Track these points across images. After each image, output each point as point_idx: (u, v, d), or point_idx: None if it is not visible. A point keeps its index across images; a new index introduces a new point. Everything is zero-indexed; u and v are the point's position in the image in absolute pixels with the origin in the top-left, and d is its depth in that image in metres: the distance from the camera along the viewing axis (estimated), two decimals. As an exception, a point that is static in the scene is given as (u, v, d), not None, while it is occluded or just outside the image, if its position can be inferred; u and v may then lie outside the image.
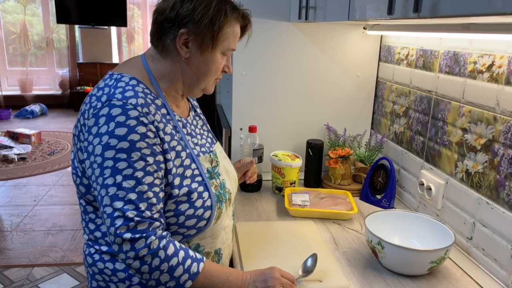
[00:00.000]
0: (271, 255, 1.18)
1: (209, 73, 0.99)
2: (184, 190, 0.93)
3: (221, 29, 0.94)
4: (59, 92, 7.05)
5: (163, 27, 0.94)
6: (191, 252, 0.91)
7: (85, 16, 6.43)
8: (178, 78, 0.99)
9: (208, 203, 0.96)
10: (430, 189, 1.36)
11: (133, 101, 0.87)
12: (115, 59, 7.08)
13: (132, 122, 0.85)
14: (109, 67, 6.62)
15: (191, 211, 0.94)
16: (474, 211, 1.18)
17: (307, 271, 1.06)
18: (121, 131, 0.85)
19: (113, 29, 6.96)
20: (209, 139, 1.12)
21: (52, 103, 6.92)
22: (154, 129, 0.88)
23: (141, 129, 0.86)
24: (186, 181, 0.94)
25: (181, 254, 0.89)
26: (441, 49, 1.33)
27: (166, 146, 0.91)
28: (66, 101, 7.00)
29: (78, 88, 6.89)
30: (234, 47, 1.00)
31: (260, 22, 1.62)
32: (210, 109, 2.49)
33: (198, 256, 0.92)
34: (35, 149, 4.87)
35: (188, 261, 0.89)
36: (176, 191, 0.92)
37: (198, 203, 0.95)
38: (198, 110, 1.18)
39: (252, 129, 1.62)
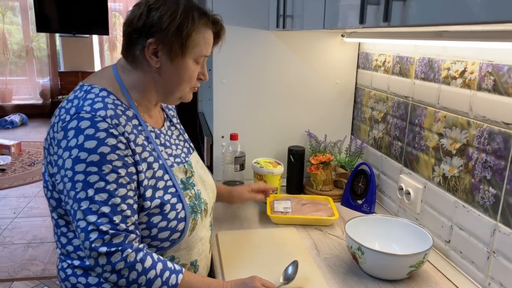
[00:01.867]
0: (252, 263, 1.17)
1: (182, 82, 0.97)
2: (157, 202, 0.92)
3: (189, 35, 0.92)
4: (39, 101, 6.93)
5: (132, 38, 0.94)
6: (169, 264, 0.91)
7: (65, 24, 6.35)
8: (150, 88, 0.98)
9: (181, 214, 0.96)
10: (409, 193, 1.38)
11: (102, 113, 0.86)
12: (98, 68, 7.00)
13: (102, 135, 0.84)
14: (91, 75, 6.54)
15: (164, 223, 0.93)
16: (451, 215, 1.20)
17: (288, 278, 1.06)
18: (90, 144, 0.83)
19: (95, 37, 6.90)
20: (185, 149, 1.11)
21: (32, 113, 6.80)
22: (124, 141, 0.87)
23: (111, 141, 0.85)
24: (159, 193, 0.94)
25: (159, 266, 0.88)
26: (416, 55, 1.36)
27: (137, 157, 0.90)
28: (47, 110, 6.88)
29: (60, 97, 6.78)
30: (207, 54, 0.99)
31: (239, 31, 1.63)
32: (192, 117, 2.48)
33: (177, 267, 0.91)
34: (15, 160, 4.77)
35: (167, 273, 0.88)
36: (148, 203, 0.91)
37: (171, 215, 0.94)
38: (174, 120, 1.17)
39: (233, 137, 1.62)
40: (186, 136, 1.18)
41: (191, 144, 1.19)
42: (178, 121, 1.21)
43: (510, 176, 0.99)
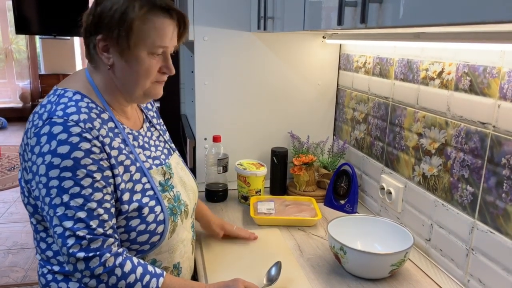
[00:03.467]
0: (236, 265, 1.17)
1: (139, 77, 0.92)
2: (134, 205, 0.91)
3: (131, 27, 0.87)
4: (20, 104, 6.79)
5: (86, 38, 0.93)
6: (150, 267, 0.90)
7: (46, 26, 6.22)
8: (115, 89, 0.96)
9: (160, 217, 0.95)
10: (390, 193, 1.39)
11: (74, 117, 0.85)
12: (79, 70, 6.89)
13: (75, 139, 0.83)
14: (73, 78, 6.42)
15: (142, 227, 0.92)
16: (431, 213, 1.22)
17: (271, 280, 1.06)
18: (63, 149, 0.82)
19: (76, 39, 6.79)
20: (165, 151, 1.10)
21: (12, 117, 6.66)
22: (99, 144, 0.86)
23: (85, 145, 0.84)
24: (136, 196, 0.92)
25: (139, 270, 0.87)
26: (395, 57, 1.37)
27: (113, 161, 0.89)
28: (28, 114, 6.73)
29: (40, 100, 6.66)
30: (163, 44, 0.91)
31: (221, 32, 1.62)
32: (174, 119, 2.46)
33: (158, 271, 0.91)
34: (-6, 164, 4.67)
35: (147, 277, 0.87)
36: (125, 207, 0.90)
37: (150, 218, 0.93)
38: (154, 121, 1.16)
39: (216, 139, 1.61)
40: (167, 137, 1.17)
41: (172, 145, 1.17)
42: (160, 121, 1.20)
43: (487, 174, 1.01)
